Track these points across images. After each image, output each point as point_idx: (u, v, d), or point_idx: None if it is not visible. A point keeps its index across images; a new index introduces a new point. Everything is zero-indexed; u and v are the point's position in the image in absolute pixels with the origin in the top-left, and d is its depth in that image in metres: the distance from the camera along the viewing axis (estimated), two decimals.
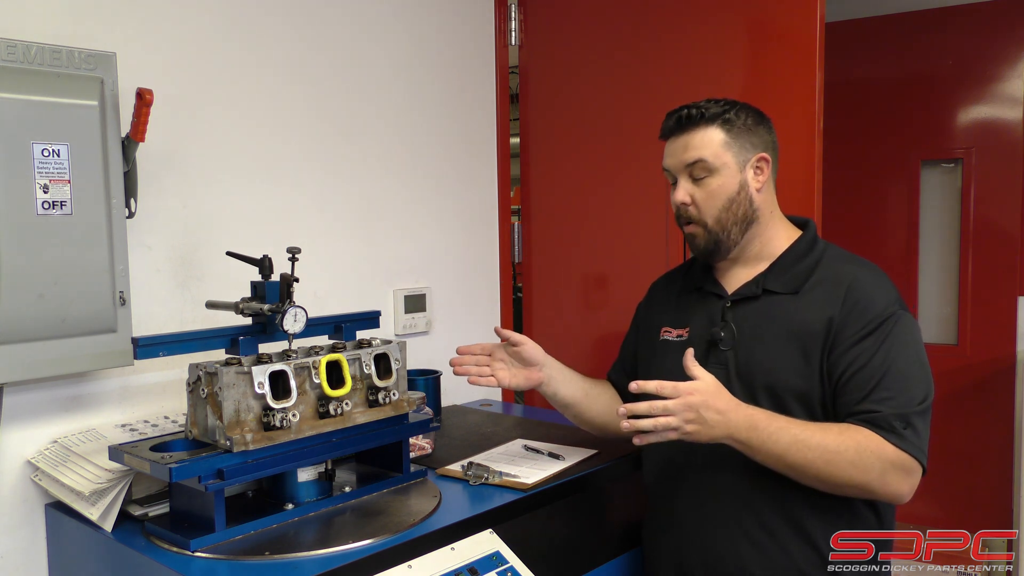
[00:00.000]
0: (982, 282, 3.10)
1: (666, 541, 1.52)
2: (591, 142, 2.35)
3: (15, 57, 1.33)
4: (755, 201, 1.45)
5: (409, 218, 2.19)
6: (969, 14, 3.06)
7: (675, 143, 1.47)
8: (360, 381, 1.45)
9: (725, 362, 1.45)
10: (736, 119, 1.44)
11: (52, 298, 1.37)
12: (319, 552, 1.24)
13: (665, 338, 1.57)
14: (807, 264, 1.45)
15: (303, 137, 1.93)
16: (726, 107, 1.45)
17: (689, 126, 1.45)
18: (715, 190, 1.43)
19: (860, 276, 1.39)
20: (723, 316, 1.47)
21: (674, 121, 1.47)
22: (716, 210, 1.44)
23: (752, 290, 1.46)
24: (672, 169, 1.48)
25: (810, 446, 1.27)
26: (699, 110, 1.44)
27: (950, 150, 3.16)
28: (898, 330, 1.34)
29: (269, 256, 1.44)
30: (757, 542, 1.39)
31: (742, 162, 1.44)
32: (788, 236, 1.50)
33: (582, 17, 2.36)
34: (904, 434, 1.27)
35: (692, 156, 1.44)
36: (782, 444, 1.28)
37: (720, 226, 1.44)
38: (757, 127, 1.46)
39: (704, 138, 1.43)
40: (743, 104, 1.47)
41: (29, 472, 1.48)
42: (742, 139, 1.44)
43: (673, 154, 1.48)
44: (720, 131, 1.43)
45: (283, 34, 1.88)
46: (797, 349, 1.38)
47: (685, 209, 1.46)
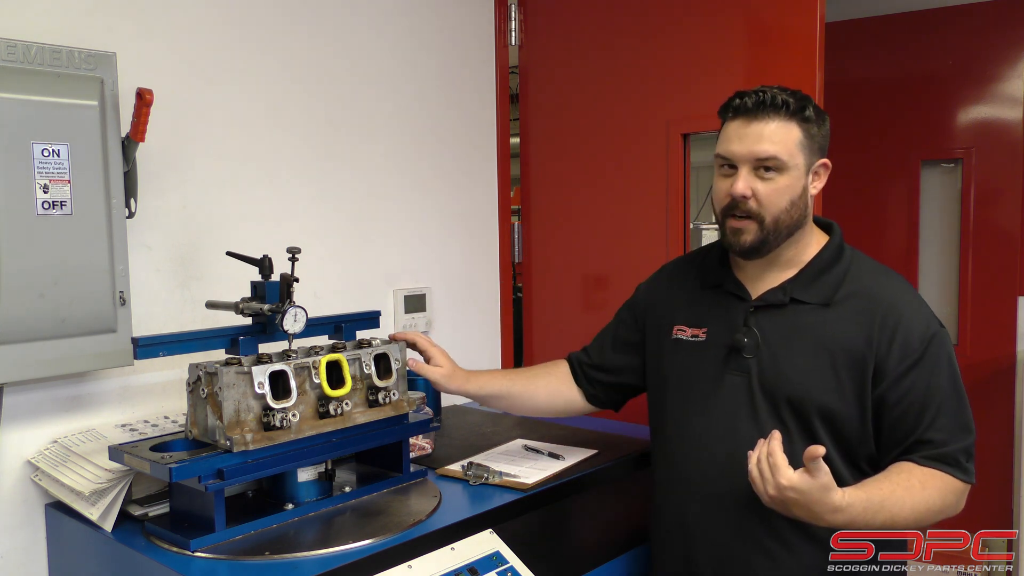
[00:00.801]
0: (982, 282, 3.10)
1: (675, 549, 1.49)
2: (591, 142, 2.35)
3: (15, 57, 1.33)
4: (809, 205, 1.38)
5: (409, 218, 2.19)
6: (969, 14, 3.06)
7: (746, 128, 1.32)
8: (360, 381, 1.45)
9: (747, 370, 1.39)
10: (814, 118, 1.34)
11: (52, 298, 1.37)
12: (319, 552, 1.24)
13: (679, 336, 1.51)
14: (836, 275, 1.39)
15: (303, 137, 1.92)
16: (804, 101, 1.33)
17: (770, 113, 1.31)
18: (782, 188, 1.33)
19: (896, 297, 1.36)
20: (746, 321, 1.41)
21: (751, 102, 1.32)
22: (777, 209, 1.33)
23: (779, 297, 1.40)
24: (737, 156, 1.33)
25: (904, 516, 1.26)
26: (784, 98, 1.31)
27: (950, 150, 3.16)
28: (942, 352, 1.33)
29: (269, 256, 1.44)
30: (768, 550, 1.37)
31: (808, 165, 1.35)
32: (818, 242, 1.43)
33: (582, 17, 2.36)
34: (967, 468, 1.31)
35: (767, 150, 1.31)
36: (878, 522, 1.25)
37: (776, 225, 1.34)
38: (824, 127, 1.37)
39: (783, 132, 1.31)
40: (813, 100, 1.36)
41: (29, 472, 1.48)
42: (814, 141, 1.35)
43: (743, 140, 1.32)
44: (798, 128, 1.32)
45: (283, 34, 1.88)
46: (827, 364, 1.34)
47: (744, 202, 1.33)
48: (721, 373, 1.42)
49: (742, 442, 1.36)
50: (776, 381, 1.37)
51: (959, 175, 3.16)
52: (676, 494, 1.48)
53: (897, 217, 3.29)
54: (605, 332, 1.70)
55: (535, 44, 2.45)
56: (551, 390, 1.67)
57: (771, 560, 1.37)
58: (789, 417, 1.35)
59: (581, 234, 2.40)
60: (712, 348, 1.45)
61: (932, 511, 1.28)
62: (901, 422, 1.32)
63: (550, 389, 1.67)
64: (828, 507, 1.20)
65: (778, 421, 1.35)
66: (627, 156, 2.26)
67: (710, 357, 1.45)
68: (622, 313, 1.69)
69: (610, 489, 1.68)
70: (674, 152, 2.16)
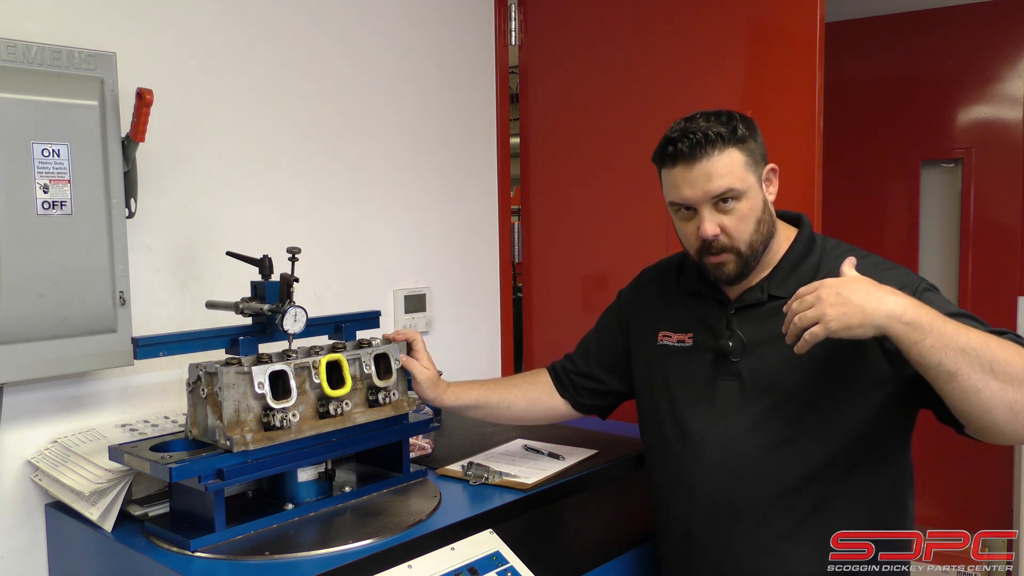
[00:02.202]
0: (982, 282, 3.09)
1: (679, 556, 1.47)
2: (591, 142, 2.35)
3: (15, 57, 1.33)
4: (772, 213, 1.39)
5: (409, 218, 2.19)
6: (969, 14, 3.06)
7: (691, 172, 1.31)
8: (360, 381, 1.45)
9: (738, 373, 1.38)
10: (747, 134, 1.33)
11: (52, 298, 1.37)
12: (319, 552, 1.24)
13: (664, 343, 1.50)
14: (810, 264, 1.39)
15: (303, 137, 1.93)
16: (731, 122, 1.32)
17: (708, 149, 1.30)
18: (745, 214, 1.32)
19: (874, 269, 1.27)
20: (728, 324, 1.41)
21: (687, 146, 1.30)
22: (748, 234, 1.33)
23: (757, 296, 1.40)
24: (693, 201, 1.32)
25: (977, 333, 1.11)
26: (714, 132, 1.30)
27: (950, 150, 3.16)
28: (939, 298, 1.27)
29: (269, 256, 1.44)
30: (778, 552, 1.35)
31: (758, 178, 1.35)
32: (786, 236, 1.43)
33: (582, 17, 2.36)
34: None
35: (720, 186, 1.30)
36: (951, 325, 1.10)
37: (751, 249, 1.35)
38: (757, 136, 1.36)
39: (727, 162, 1.30)
40: (737, 114, 1.35)
41: (29, 472, 1.48)
42: (755, 154, 1.34)
43: (693, 185, 1.31)
44: (739, 152, 1.31)
45: (283, 34, 1.88)
46: (817, 353, 1.24)
47: (717, 240, 1.33)
48: (712, 379, 1.41)
49: (742, 447, 1.35)
50: (771, 380, 1.36)
51: (959, 175, 3.16)
52: (679, 503, 1.45)
53: (897, 217, 3.29)
54: (588, 339, 1.69)
55: (535, 44, 2.45)
56: (530, 399, 1.66)
57: (780, 561, 1.35)
58: (789, 413, 1.34)
59: (581, 234, 2.40)
60: (699, 353, 1.44)
61: (1010, 363, 1.09)
62: None
63: (529, 398, 1.65)
64: (881, 286, 1.13)
65: (776, 420, 1.34)
66: (627, 156, 2.26)
67: (698, 362, 1.44)
68: (606, 318, 1.68)
69: (610, 489, 1.68)
70: None
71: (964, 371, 1.10)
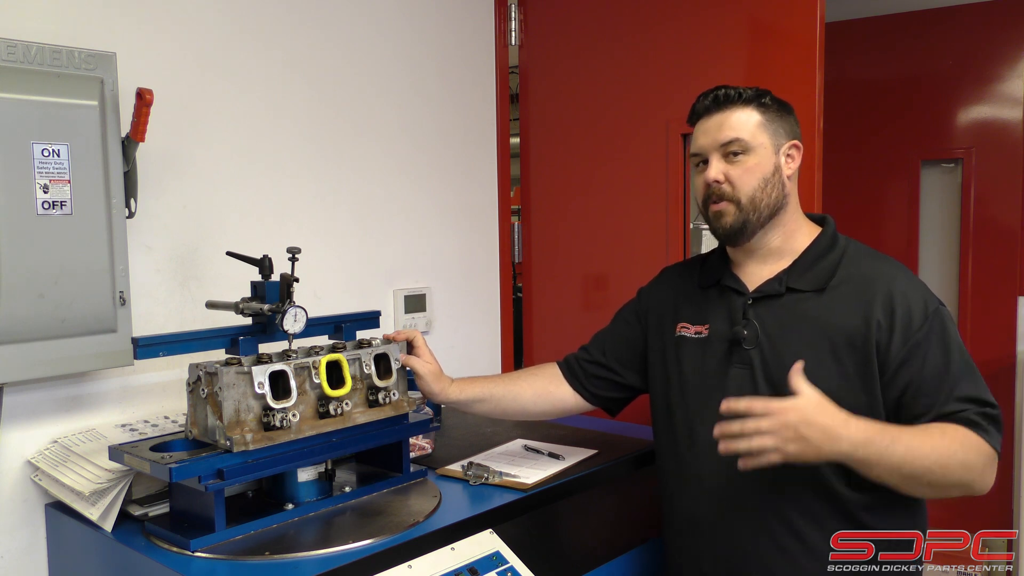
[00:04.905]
0: (982, 282, 3.09)
1: (688, 548, 1.48)
2: (591, 142, 2.35)
3: (15, 57, 1.33)
4: (786, 187, 1.43)
5: (409, 218, 2.19)
6: (969, 14, 3.06)
7: (708, 122, 1.43)
8: (360, 381, 1.45)
9: (749, 362, 1.41)
10: (772, 105, 1.43)
11: (52, 298, 1.37)
12: (319, 552, 1.24)
13: (683, 334, 1.52)
14: (830, 261, 1.41)
15: (303, 137, 1.93)
16: (762, 92, 1.43)
17: (726, 105, 1.42)
18: (751, 168, 1.40)
19: (893, 278, 1.36)
20: (744, 313, 1.43)
21: (710, 100, 1.43)
22: (751, 188, 1.39)
23: (775, 287, 1.42)
24: (705, 149, 1.43)
25: (925, 453, 1.22)
26: (735, 91, 1.42)
27: (950, 150, 3.16)
28: (946, 324, 1.33)
29: (269, 256, 1.44)
30: (784, 546, 1.36)
31: (776, 146, 1.41)
32: (810, 233, 1.46)
33: (582, 17, 2.36)
34: (990, 430, 1.28)
35: (728, 135, 1.40)
36: (898, 455, 1.21)
37: (753, 205, 1.40)
38: (788, 116, 1.45)
39: (741, 118, 1.40)
40: (772, 94, 1.45)
41: (29, 472, 1.48)
42: (776, 123, 1.42)
43: (706, 132, 1.43)
44: (756, 112, 1.41)
45: (283, 34, 1.88)
46: (827, 350, 1.34)
47: (718, 187, 1.41)
48: (725, 367, 1.43)
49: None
50: (780, 371, 1.36)
51: (959, 175, 3.16)
52: (687, 492, 1.47)
53: (897, 217, 3.29)
54: (605, 332, 1.69)
55: (535, 44, 2.45)
56: (536, 390, 1.64)
57: (787, 556, 1.36)
58: None
59: (581, 234, 2.40)
60: (715, 343, 1.46)
61: (956, 459, 1.23)
62: (915, 402, 1.30)
63: (536, 389, 1.64)
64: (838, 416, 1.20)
65: None
66: (627, 156, 2.26)
67: (713, 352, 1.46)
68: (623, 313, 1.69)
69: (610, 489, 1.68)
70: (674, 152, 2.16)
71: (909, 488, 1.27)
